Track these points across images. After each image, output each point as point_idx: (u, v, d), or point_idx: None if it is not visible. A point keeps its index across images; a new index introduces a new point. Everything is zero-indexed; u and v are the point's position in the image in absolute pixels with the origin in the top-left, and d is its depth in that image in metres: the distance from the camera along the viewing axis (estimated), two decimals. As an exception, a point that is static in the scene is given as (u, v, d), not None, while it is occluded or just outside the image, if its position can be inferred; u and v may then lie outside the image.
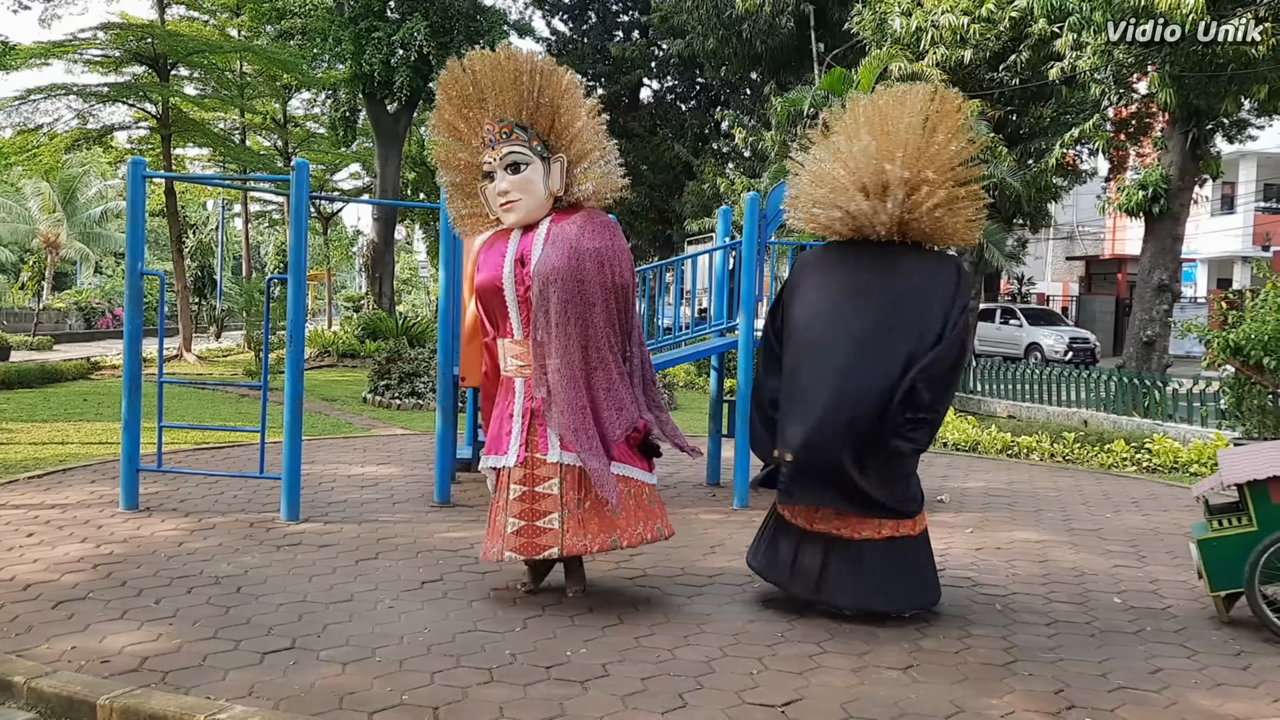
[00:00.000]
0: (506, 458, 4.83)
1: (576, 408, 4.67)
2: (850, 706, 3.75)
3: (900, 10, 18.30)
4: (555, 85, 4.90)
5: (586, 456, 4.65)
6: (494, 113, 4.89)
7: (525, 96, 4.87)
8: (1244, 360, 9.56)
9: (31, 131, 20.81)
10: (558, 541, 4.72)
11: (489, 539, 4.89)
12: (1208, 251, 34.77)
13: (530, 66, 4.86)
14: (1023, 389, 15.33)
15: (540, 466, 4.78)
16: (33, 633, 4.28)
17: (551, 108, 4.90)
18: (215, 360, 21.34)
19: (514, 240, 4.89)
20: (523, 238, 4.88)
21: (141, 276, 6.79)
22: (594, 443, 4.68)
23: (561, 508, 4.74)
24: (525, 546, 4.76)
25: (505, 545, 4.78)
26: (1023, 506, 7.84)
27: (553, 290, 4.66)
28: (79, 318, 33.57)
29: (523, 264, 4.78)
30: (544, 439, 4.78)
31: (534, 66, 4.87)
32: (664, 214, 31.73)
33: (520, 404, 4.85)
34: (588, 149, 4.95)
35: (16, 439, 9.72)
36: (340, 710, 3.59)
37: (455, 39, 21.83)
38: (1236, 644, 4.63)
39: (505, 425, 4.89)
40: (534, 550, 4.76)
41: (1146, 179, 16.82)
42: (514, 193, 4.83)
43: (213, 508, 6.87)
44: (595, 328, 4.70)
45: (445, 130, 5.03)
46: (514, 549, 4.77)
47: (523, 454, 4.80)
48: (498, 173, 4.86)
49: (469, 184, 5.08)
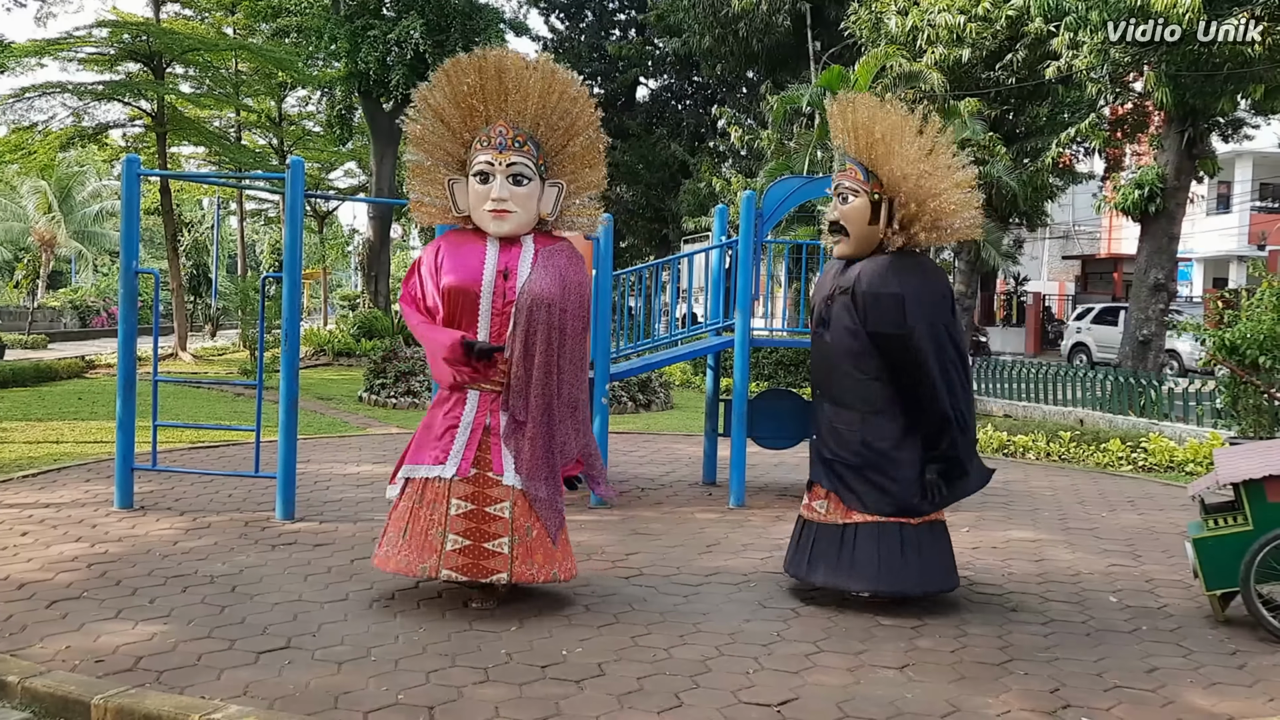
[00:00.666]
0: (444, 469, 4.66)
1: (544, 436, 4.67)
2: (846, 706, 3.75)
3: (896, 9, 18.31)
4: (581, 115, 4.83)
5: (542, 486, 4.66)
6: (511, 117, 4.73)
7: (548, 113, 4.77)
8: (1239, 360, 9.57)
9: (26, 129, 20.78)
10: (507, 567, 4.61)
11: (409, 551, 4.63)
12: (1203, 251, 34.84)
13: (564, 87, 4.77)
14: (1018, 388, 15.33)
15: (493, 487, 4.66)
16: (27, 632, 4.27)
17: (568, 134, 4.83)
18: (210, 359, 21.31)
19: (493, 249, 4.74)
20: (504, 250, 4.74)
21: (136, 275, 6.78)
22: (553, 474, 4.72)
23: (513, 533, 4.63)
24: (469, 568, 4.59)
25: (443, 563, 4.58)
26: (1019, 506, 7.84)
27: (541, 315, 4.60)
28: (73, 316, 33.54)
29: (505, 277, 4.68)
30: (498, 458, 4.68)
31: (567, 88, 4.78)
32: (660, 213, 31.72)
33: (472, 417, 4.71)
34: (589, 182, 4.92)
35: (11, 438, 9.70)
36: (335, 710, 3.58)
37: (451, 37, 21.81)
38: (1232, 643, 4.63)
39: (446, 435, 4.72)
40: (479, 573, 4.60)
41: (1142, 178, 16.84)
42: (511, 204, 4.68)
43: (208, 507, 6.86)
44: (567, 358, 4.69)
45: (431, 112, 4.80)
46: (455, 568, 4.59)
47: (468, 469, 4.66)
48: (497, 178, 4.68)
49: (435, 171, 4.87)
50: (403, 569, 4.65)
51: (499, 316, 4.68)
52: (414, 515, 4.68)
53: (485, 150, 4.72)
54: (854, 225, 5.06)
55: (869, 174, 5.06)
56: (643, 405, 14.43)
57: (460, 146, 4.82)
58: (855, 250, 5.10)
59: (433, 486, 4.67)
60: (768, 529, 6.74)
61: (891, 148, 4.98)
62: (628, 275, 8.60)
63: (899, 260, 4.99)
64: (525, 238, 4.79)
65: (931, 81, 16.52)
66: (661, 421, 13.10)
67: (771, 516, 7.14)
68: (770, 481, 8.57)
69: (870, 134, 5.03)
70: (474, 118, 4.77)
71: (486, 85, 4.72)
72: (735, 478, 7.55)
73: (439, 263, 4.77)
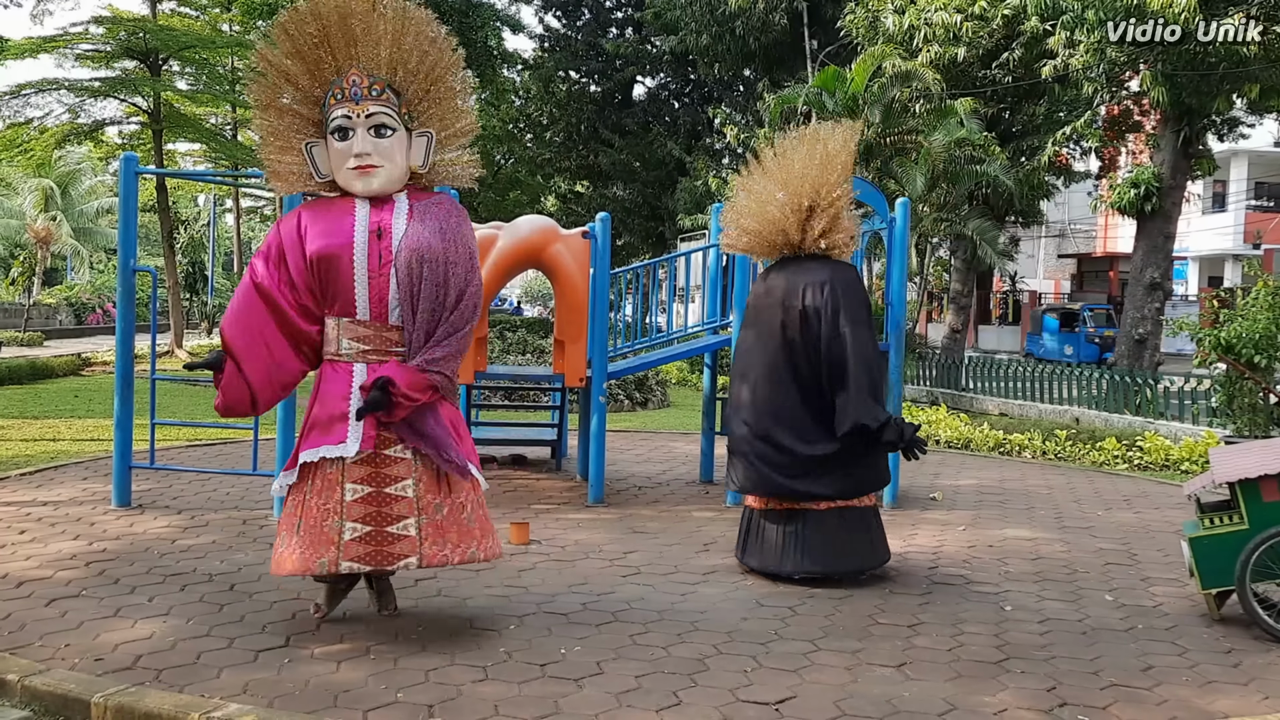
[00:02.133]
0: (345, 447, 4.19)
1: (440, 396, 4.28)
2: (844, 704, 3.76)
3: (893, 8, 18.32)
4: (440, 53, 4.41)
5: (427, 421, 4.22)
6: (363, 64, 4.30)
7: (405, 57, 4.35)
8: (1235, 358, 9.60)
9: (22, 126, 20.74)
10: (415, 550, 4.19)
11: (303, 547, 4.18)
12: (1199, 249, 34.89)
13: (419, 28, 4.35)
14: (1014, 387, 15.36)
15: (392, 465, 4.23)
16: (26, 630, 4.27)
17: (430, 77, 4.41)
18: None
19: (363, 209, 4.30)
20: (375, 209, 4.31)
21: (134, 273, 6.78)
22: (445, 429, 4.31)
23: (418, 512, 4.22)
24: (372, 556, 4.17)
25: (342, 555, 4.14)
26: (1015, 504, 7.86)
27: (426, 270, 4.19)
28: (69, 314, 33.49)
29: (380, 237, 4.25)
30: (394, 432, 4.24)
31: (423, 29, 4.36)
32: (656, 211, 31.69)
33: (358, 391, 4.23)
34: (460, 129, 4.54)
35: (8, 436, 9.69)
36: (335, 708, 3.58)
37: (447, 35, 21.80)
38: (1228, 642, 4.65)
39: (337, 413, 4.24)
40: (385, 560, 4.18)
41: (1138, 177, 16.87)
42: (376, 157, 4.26)
43: (205, 505, 6.86)
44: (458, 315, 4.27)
45: (274, 70, 4.35)
46: (356, 559, 4.16)
47: (370, 446, 4.21)
48: (357, 131, 4.26)
49: (289, 135, 4.42)
50: (298, 568, 4.19)
51: (376, 279, 4.23)
52: (305, 507, 4.24)
53: (341, 104, 4.30)
54: None
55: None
56: (639, 404, 14.45)
57: (313, 105, 4.39)
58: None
59: (323, 474, 4.23)
60: (765, 527, 6.74)
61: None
62: (624, 274, 8.61)
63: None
64: (398, 195, 4.38)
65: (927, 80, 16.53)
66: (658, 420, 13.11)
67: (769, 515, 7.14)
68: (767, 480, 8.56)
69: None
70: (322, 70, 4.34)
71: (330, 33, 4.29)
72: (732, 476, 7.55)
73: (302, 231, 4.31)
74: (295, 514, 4.28)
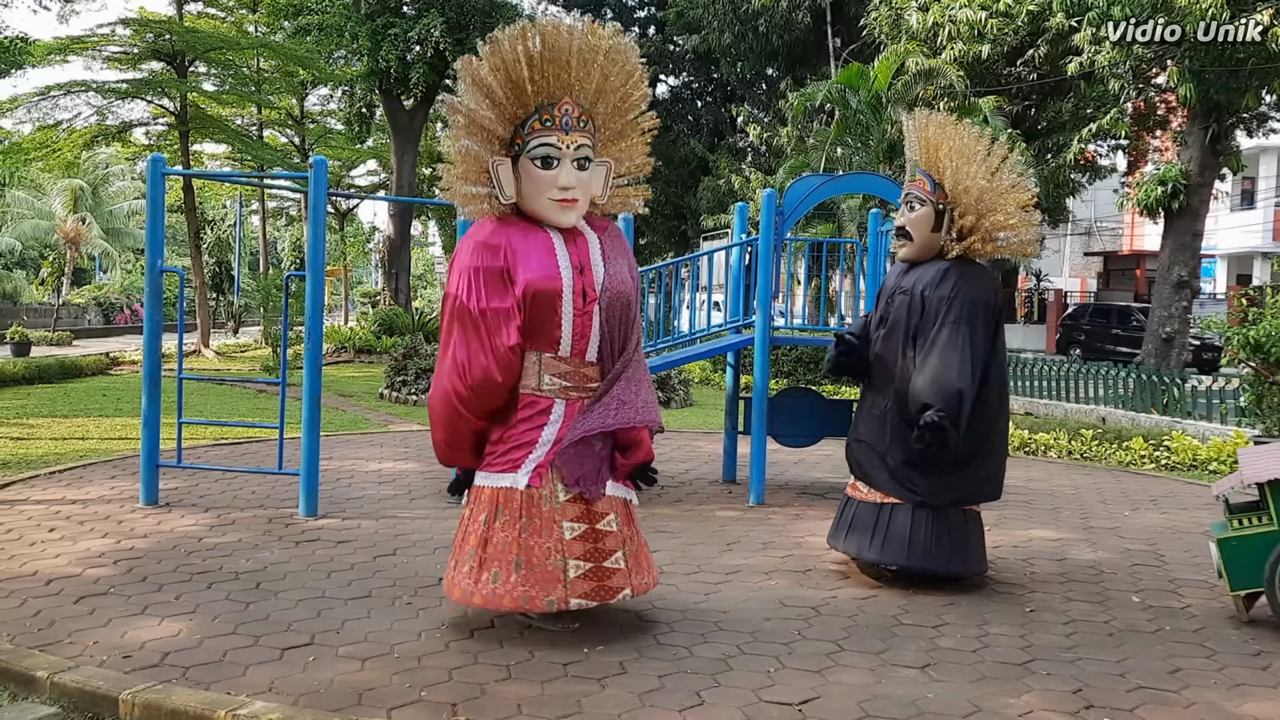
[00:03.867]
0: (516, 477, 4.25)
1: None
2: (867, 705, 3.75)
3: (917, 5, 18.24)
4: (636, 88, 4.39)
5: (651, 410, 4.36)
6: (575, 95, 4.23)
7: (611, 90, 4.32)
8: (1264, 358, 9.50)
9: (51, 128, 20.99)
10: (628, 582, 4.34)
11: (527, 585, 4.17)
12: (1227, 247, 34.55)
13: (624, 59, 4.29)
14: (1040, 386, 15.26)
15: (597, 501, 4.33)
16: (55, 627, 4.32)
17: (620, 111, 4.40)
18: (233, 355, 21.47)
19: (559, 242, 4.26)
20: (569, 243, 4.28)
21: (162, 273, 6.84)
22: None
23: (623, 545, 4.37)
24: (597, 592, 4.26)
25: (570, 592, 4.19)
26: (1040, 504, 7.81)
27: (625, 314, 4.29)
28: (98, 313, 33.83)
29: (581, 273, 4.24)
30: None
31: (628, 61, 4.31)
32: (679, 210, 31.71)
33: (554, 431, 4.27)
34: (638, 165, 4.58)
35: (37, 434, 9.81)
36: (359, 706, 3.61)
37: (471, 35, 21.90)
38: (1256, 644, 4.60)
39: (524, 444, 4.27)
40: (607, 595, 4.28)
41: (1165, 174, 16.73)
42: (579, 190, 4.23)
43: (232, 503, 6.92)
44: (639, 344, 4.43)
45: (479, 88, 4.21)
46: (584, 595, 4.23)
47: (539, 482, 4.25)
48: (564, 163, 4.19)
49: (481, 156, 4.29)
50: (520, 606, 4.21)
51: (580, 317, 4.24)
52: (523, 546, 4.20)
53: (549, 131, 4.19)
54: (918, 231, 5.45)
55: (935, 185, 5.43)
56: (662, 403, 14.45)
57: (506, 125, 4.27)
58: (917, 254, 5.51)
59: (515, 505, 4.23)
60: (788, 527, 6.74)
61: (957, 163, 5.39)
62: (647, 273, 8.60)
63: (955, 266, 5.35)
64: (581, 224, 4.38)
65: (951, 78, 16.45)
66: (681, 419, 13.11)
67: (791, 514, 7.14)
68: (790, 479, 8.56)
69: (939, 149, 5.44)
70: (525, 94, 4.21)
71: (548, 57, 4.17)
72: (755, 475, 7.55)
73: (511, 261, 4.20)
74: (511, 551, 4.21)
